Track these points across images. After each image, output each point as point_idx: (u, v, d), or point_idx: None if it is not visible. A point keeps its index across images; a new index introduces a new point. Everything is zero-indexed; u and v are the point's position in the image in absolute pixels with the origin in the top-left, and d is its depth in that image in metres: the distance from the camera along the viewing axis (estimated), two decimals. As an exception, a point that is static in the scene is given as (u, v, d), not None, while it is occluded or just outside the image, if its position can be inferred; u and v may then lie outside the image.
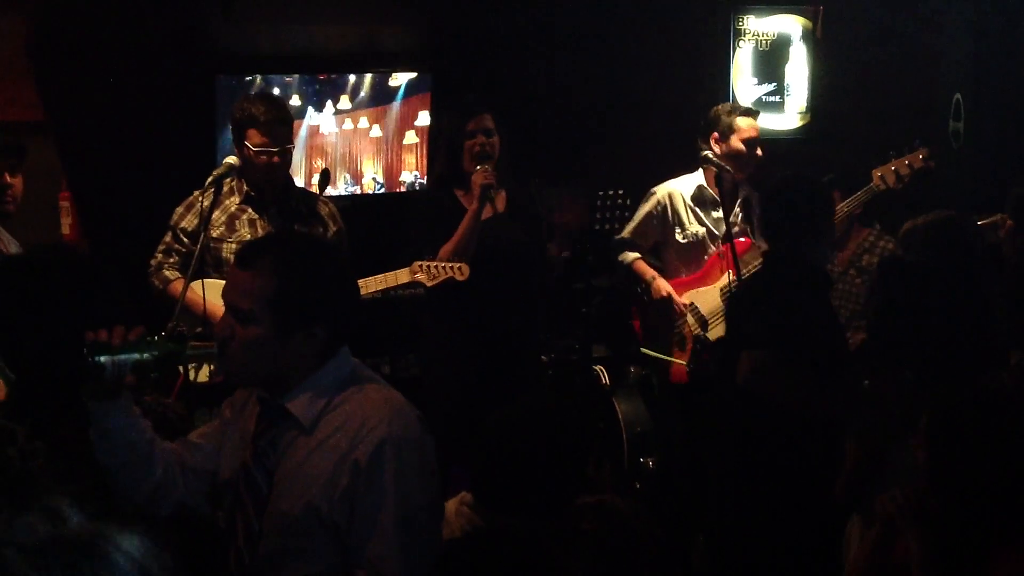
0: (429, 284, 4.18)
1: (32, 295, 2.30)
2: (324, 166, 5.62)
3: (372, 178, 5.49)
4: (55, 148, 5.42)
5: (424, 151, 5.49)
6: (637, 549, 2.54)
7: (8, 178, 3.95)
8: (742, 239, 4.75)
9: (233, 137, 4.19)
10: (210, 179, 3.89)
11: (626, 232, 4.99)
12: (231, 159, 3.99)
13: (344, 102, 5.43)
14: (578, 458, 2.67)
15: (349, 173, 5.43)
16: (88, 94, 5.22)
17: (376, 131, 5.41)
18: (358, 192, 5.49)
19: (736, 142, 4.75)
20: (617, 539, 2.53)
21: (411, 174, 5.47)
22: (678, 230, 4.87)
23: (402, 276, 4.18)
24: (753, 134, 4.81)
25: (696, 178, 4.91)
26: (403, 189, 5.59)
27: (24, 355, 2.31)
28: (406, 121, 5.45)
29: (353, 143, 5.40)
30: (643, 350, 4.93)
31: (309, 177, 5.30)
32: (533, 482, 2.56)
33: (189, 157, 5.10)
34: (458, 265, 4.18)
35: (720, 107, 4.91)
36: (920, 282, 3.14)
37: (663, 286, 4.81)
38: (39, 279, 2.32)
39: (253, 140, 4.05)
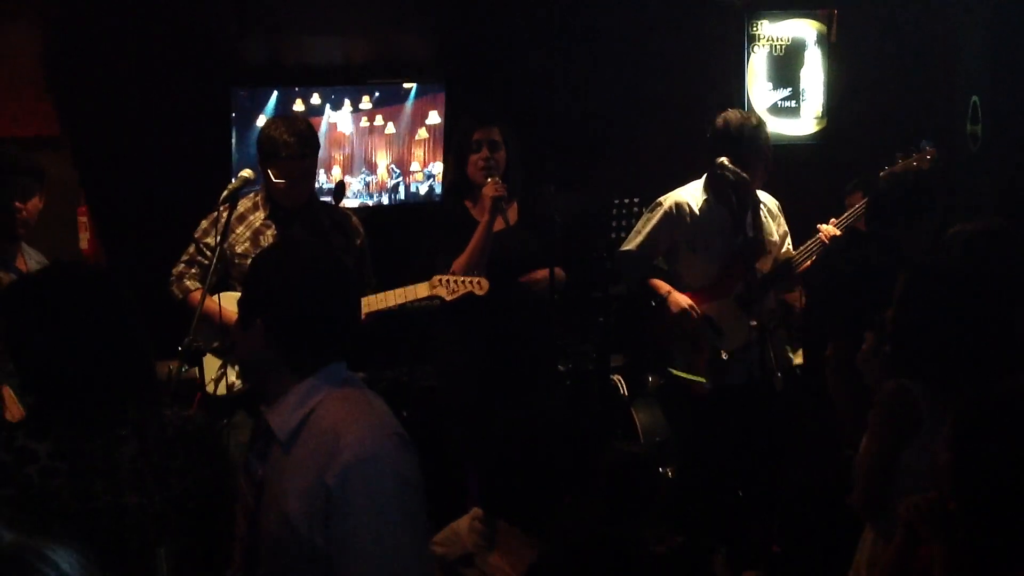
0: (449, 299, 4.15)
1: (49, 312, 2.30)
2: (339, 178, 5.65)
3: (387, 167, 5.70)
4: (72, 162, 5.45)
5: (431, 146, 5.73)
6: None
7: (18, 203, 3.95)
8: (755, 247, 4.65)
9: (257, 156, 4.19)
10: (225, 193, 3.91)
11: (633, 245, 4.84)
12: (246, 172, 3.99)
13: (365, 102, 5.64)
14: (586, 468, 2.58)
15: (366, 165, 5.68)
16: (104, 108, 5.25)
17: (390, 128, 5.66)
18: (374, 181, 5.70)
19: (757, 162, 4.66)
20: None
21: (416, 164, 5.78)
22: (688, 241, 4.76)
23: (421, 291, 4.16)
24: (770, 151, 4.76)
25: (703, 186, 4.79)
26: (417, 179, 5.75)
27: (44, 373, 2.31)
28: (417, 119, 5.72)
29: (369, 139, 5.67)
30: (671, 370, 4.84)
31: (329, 170, 5.49)
32: (540, 493, 2.50)
33: (205, 169, 5.12)
34: (477, 280, 4.16)
35: (741, 125, 4.65)
36: (947, 290, 3.05)
37: (680, 300, 4.71)
38: (55, 296, 2.32)
39: (274, 173, 4.08)
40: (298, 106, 5.49)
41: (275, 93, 5.41)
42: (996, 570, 2.30)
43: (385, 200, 5.78)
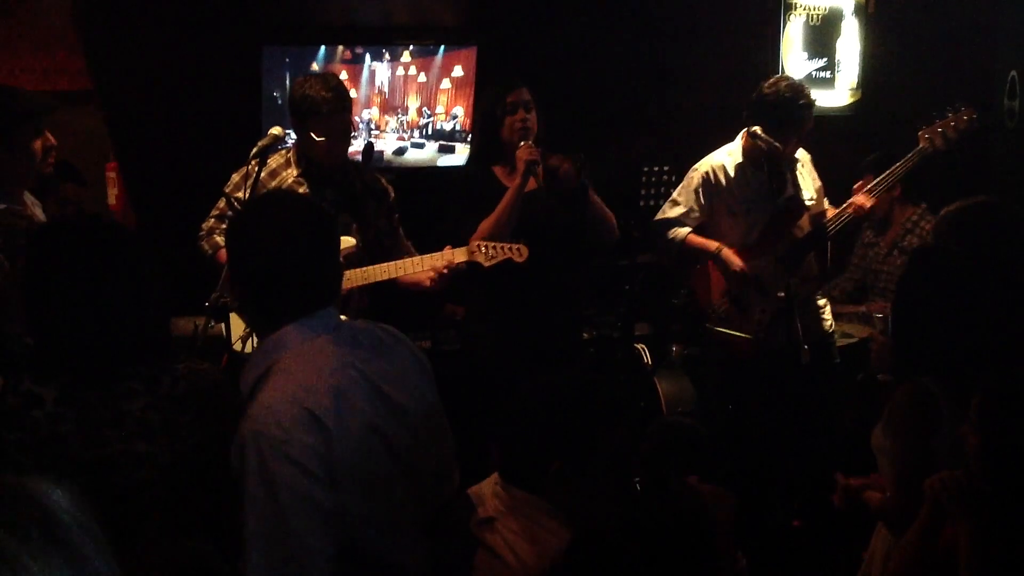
0: (487, 264, 4.11)
1: (64, 263, 2.30)
2: (369, 140, 5.63)
3: (417, 109, 5.90)
4: (102, 118, 5.45)
5: (454, 94, 5.86)
6: None
7: (36, 145, 3.93)
8: (796, 207, 4.66)
9: (292, 117, 4.14)
10: (255, 150, 3.89)
11: (672, 213, 4.87)
12: (276, 130, 3.97)
13: (405, 56, 5.77)
14: (607, 435, 2.51)
15: (400, 107, 5.86)
16: (135, 64, 5.24)
17: (422, 77, 5.83)
18: (407, 121, 5.86)
19: (791, 135, 4.63)
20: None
21: (441, 108, 5.96)
22: (728, 205, 4.79)
23: (459, 255, 4.12)
24: (808, 128, 4.71)
25: (736, 148, 4.80)
26: (442, 119, 5.90)
27: (55, 321, 2.31)
28: (445, 70, 5.89)
29: (403, 84, 5.87)
30: (711, 327, 4.84)
31: (369, 107, 5.71)
32: (547, 456, 2.44)
33: (235, 127, 5.11)
34: (517, 246, 4.12)
35: (789, 99, 4.62)
36: (950, 277, 2.94)
37: (733, 258, 4.72)
38: (74, 247, 2.32)
39: (315, 131, 4.05)
40: (343, 56, 5.59)
41: (322, 48, 5.47)
42: (1022, 547, 2.29)
43: (417, 135, 5.91)
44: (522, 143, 4.30)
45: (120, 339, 2.31)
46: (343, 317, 2.39)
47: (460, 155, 5.80)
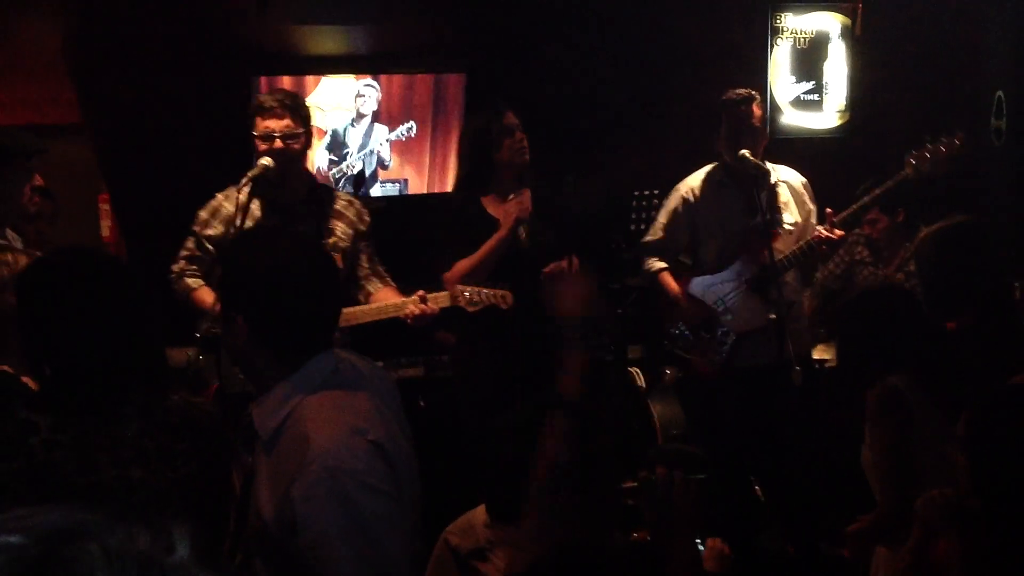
0: (470, 311, 4.05)
1: (62, 296, 2.30)
2: (361, 169, 5.65)
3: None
4: (94, 151, 5.47)
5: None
6: None
7: (28, 187, 3.94)
8: (772, 230, 4.60)
9: (250, 138, 4.04)
10: (245, 180, 3.87)
11: (653, 235, 4.90)
12: (265, 160, 3.94)
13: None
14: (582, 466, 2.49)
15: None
16: (125, 96, 5.26)
17: None
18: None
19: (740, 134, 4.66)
20: None
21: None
22: (704, 225, 4.79)
23: (442, 300, 4.04)
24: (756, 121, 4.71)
25: (713, 169, 4.83)
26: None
27: (51, 354, 2.32)
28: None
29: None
30: (670, 347, 4.89)
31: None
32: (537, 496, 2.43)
33: (226, 158, 5.12)
34: (502, 293, 4.06)
35: (725, 100, 4.72)
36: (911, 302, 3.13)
37: (672, 284, 4.81)
38: (69, 280, 2.33)
39: (258, 128, 3.96)
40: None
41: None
42: (1014, 566, 2.28)
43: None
44: (512, 196, 4.28)
45: (116, 370, 2.32)
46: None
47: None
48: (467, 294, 4.05)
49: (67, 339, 2.28)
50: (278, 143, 3.95)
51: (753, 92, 4.74)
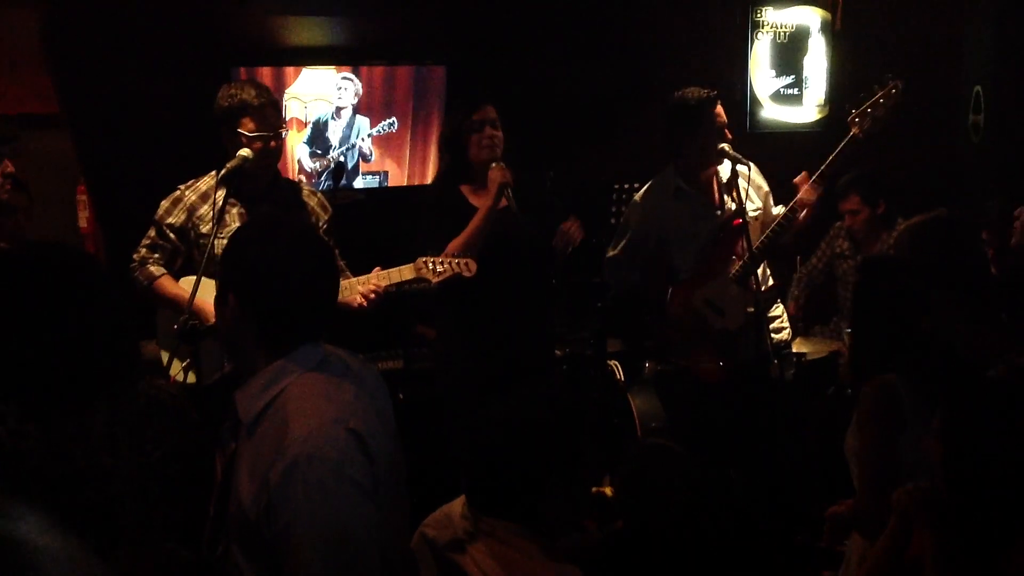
0: (434, 280, 4.07)
1: (27, 289, 2.29)
2: (338, 160, 5.64)
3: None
4: (71, 141, 5.44)
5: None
6: None
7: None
8: (737, 221, 4.50)
9: (222, 128, 4.03)
10: (224, 171, 3.87)
11: (617, 249, 4.78)
12: (245, 152, 3.94)
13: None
14: (566, 457, 2.51)
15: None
16: (103, 86, 5.23)
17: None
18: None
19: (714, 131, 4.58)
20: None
21: None
22: (673, 230, 4.69)
23: (406, 272, 4.07)
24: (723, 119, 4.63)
25: (670, 173, 4.73)
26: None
27: (17, 347, 2.30)
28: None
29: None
30: (675, 361, 4.82)
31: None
32: (515, 484, 2.46)
33: (206, 150, 5.09)
34: (465, 261, 4.09)
35: (686, 99, 4.62)
36: (900, 280, 3.04)
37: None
38: (35, 273, 2.31)
39: (248, 127, 3.96)
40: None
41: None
42: (985, 558, 2.30)
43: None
44: (494, 164, 4.29)
45: (86, 365, 2.30)
46: None
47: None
48: (430, 264, 4.06)
49: (34, 335, 2.26)
50: (272, 144, 4.01)
51: (714, 90, 4.65)
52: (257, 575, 2.14)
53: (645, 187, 4.80)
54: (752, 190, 4.70)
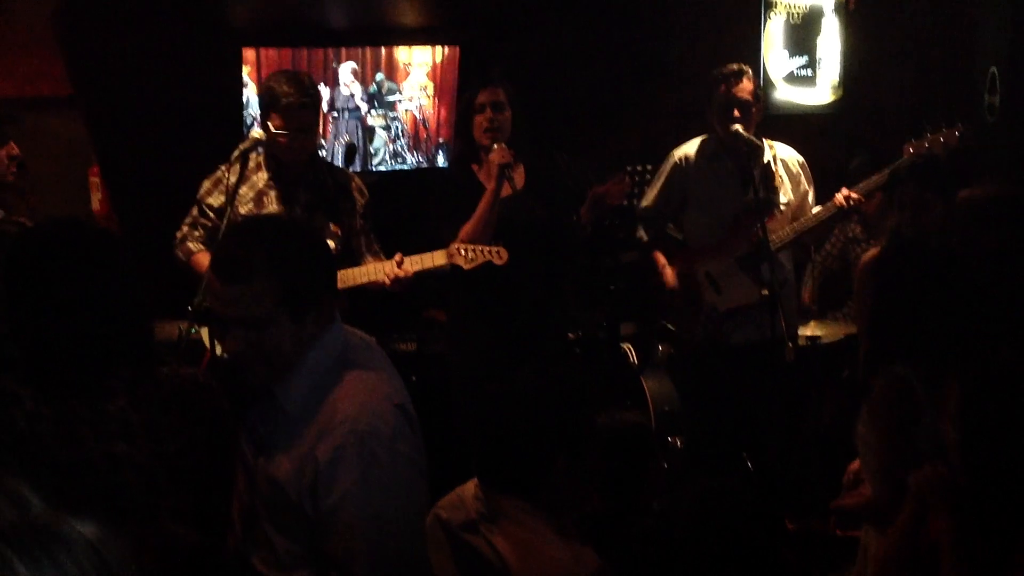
0: (467, 267, 4.11)
1: (45, 267, 2.29)
2: (351, 141, 5.62)
3: None
4: (84, 123, 5.43)
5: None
6: None
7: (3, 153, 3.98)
8: (762, 208, 4.53)
9: (260, 112, 4.19)
10: (236, 153, 3.90)
11: (649, 200, 4.94)
12: (257, 132, 3.98)
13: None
14: (573, 433, 2.54)
15: None
16: (115, 68, 5.22)
17: None
18: None
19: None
20: None
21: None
22: (694, 196, 4.83)
23: (439, 258, 4.12)
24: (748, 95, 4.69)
25: (707, 140, 4.85)
26: None
27: (36, 326, 2.30)
28: None
29: None
30: (664, 323, 4.92)
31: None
32: (525, 461, 2.47)
33: (217, 130, 5.10)
34: (496, 249, 4.12)
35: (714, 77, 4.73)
36: (926, 268, 2.97)
37: (670, 277, 4.83)
38: (54, 251, 2.31)
39: (274, 123, 4.03)
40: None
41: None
42: (1004, 543, 2.30)
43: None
44: (495, 146, 4.28)
45: (103, 343, 2.30)
46: None
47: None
48: (463, 251, 4.10)
49: (53, 312, 2.26)
50: (309, 143, 4.12)
51: (745, 67, 4.72)
52: (290, 551, 2.17)
53: (686, 144, 4.91)
54: (790, 182, 4.74)
